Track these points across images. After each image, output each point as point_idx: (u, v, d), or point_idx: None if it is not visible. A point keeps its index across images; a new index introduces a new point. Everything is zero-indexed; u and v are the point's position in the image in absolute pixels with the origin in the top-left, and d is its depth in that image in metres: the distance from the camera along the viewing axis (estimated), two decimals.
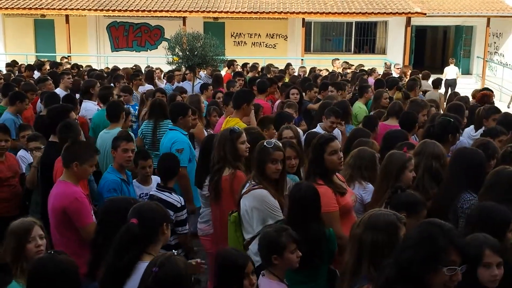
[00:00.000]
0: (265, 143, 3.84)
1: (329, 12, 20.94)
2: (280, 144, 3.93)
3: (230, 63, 13.85)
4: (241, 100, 5.93)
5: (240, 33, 24.15)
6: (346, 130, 6.44)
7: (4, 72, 12.97)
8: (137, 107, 8.45)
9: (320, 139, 3.95)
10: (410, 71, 14.02)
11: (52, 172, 4.68)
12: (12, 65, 14.34)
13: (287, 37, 23.96)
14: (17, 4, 21.12)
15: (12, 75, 11.77)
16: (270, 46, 24.11)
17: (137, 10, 21.04)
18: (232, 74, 12.30)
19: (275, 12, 21.01)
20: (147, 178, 5.08)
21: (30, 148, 5.71)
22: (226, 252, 3.01)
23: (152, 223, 2.97)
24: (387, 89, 8.99)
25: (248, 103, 5.91)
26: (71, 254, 3.03)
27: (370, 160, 4.42)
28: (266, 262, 3.17)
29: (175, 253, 2.66)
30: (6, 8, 21.08)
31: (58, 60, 16.96)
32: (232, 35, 24.04)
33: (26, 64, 14.50)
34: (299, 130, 5.83)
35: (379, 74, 13.27)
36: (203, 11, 21.08)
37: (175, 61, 12.44)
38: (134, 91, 9.55)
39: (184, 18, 21.14)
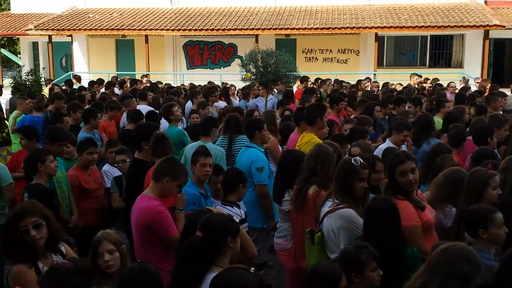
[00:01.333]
0: (352, 161, 3.76)
1: (403, 26, 20.53)
2: (365, 163, 3.84)
3: (303, 79, 13.91)
4: (314, 115, 5.91)
5: (311, 49, 24.21)
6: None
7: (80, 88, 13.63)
8: None
9: (393, 159, 3.85)
10: (489, 85, 13.46)
11: (136, 187, 4.82)
12: (96, 83, 15.07)
13: (359, 52, 23.73)
14: (100, 26, 22.37)
15: (97, 93, 12.45)
16: (342, 61, 23.97)
17: (212, 29, 21.65)
18: (304, 89, 12.34)
19: (347, 27, 20.88)
20: (219, 193, 5.12)
21: (117, 161, 5.99)
22: (320, 267, 3.00)
23: (216, 237, 3.01)
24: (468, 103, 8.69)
25: (321, 117, 5.88)
26: (162, 272, 3.08)
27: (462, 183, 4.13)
28: (347, 279, 3.11)
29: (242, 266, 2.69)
30: (91, 29, 22.38)
31: (137, 78, 17.75)
32: (303, 51, 24.14)
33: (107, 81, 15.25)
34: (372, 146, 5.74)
35: (456, 88, 12.84)
36: (275, 28, 21.34)
37: (248, 78, 12.66)
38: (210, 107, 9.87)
39: (256, 36, 21.51)
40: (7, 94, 14.78)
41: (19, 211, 3.26)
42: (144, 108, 8.80)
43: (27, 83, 12.83)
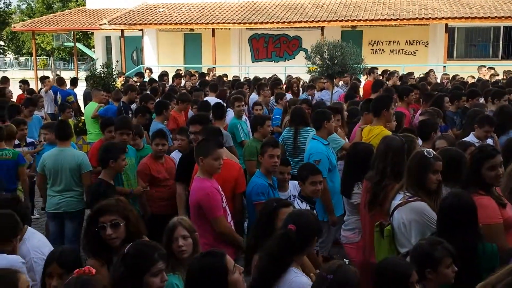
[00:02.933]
0: (425, 153, 3.67)
1: (475, 17, 19.65)
2: (437, 155, 3.73)
3: (371, 71, 13.69)
4: (380, 106, 5.81)
5: (378, 41, 23.70)
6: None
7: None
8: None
9: (481, 153, 3.74)
10: None
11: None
12: (165, 75, 15.51)
13: (428, 44, 22.99)
14: (170, 20, 22.97)
15: (167, 85, 12.83)
16: (410, 53, 23.31)
17: (277, 22, 21.68)
18: (373, 82, 12.15)
19: (416, 18, 20.25)
20: (285, 184, 5.19)
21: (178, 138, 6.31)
22: (389, 261, 2.93)
23: (308, 233, 3.03)
24: None
25: (387, 108, 5.78)
26: (207, 245, 3.20)
27: None
28: (419, 276, 3.00)
29: (346, 262, 2.71)
30: (160, 24, 23.02)
31: (204, 71, 18.11)
32: (369, 43, 23.69)
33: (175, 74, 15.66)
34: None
35: None
36: (341, 20, 21.06)
37: (313, 70, 12.61)
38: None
39: (322, 28, 21.32)
40: (82, 86, 15.56)
41: (102, 207, 3.29)
42: (212, 99, 9.01)
43: (102, 75, 13.40)
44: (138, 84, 12.90)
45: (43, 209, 6.58)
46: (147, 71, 17.29)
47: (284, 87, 11.72)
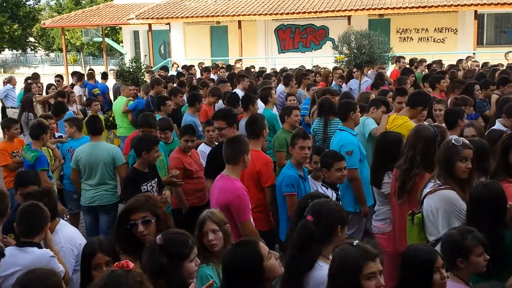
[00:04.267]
0: (453, 141, 3.66)
1: (505, 3, 19.16)
2: (468, 142, 3.72)
3: (397, 60, 13.53)
4: (418, 103, 5.81)
5: (406, 29, 23.39)
6: None
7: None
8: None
9: (509, 139, 3.71)
10: None
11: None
12: (191, 68, 15.62)
13: (457, 31, 22.56)
14: (196, 13, 23.10)
15: (194, 78, 12.94)
16: (439, 40, 22.94)
17: (304, 12, 21.58)
18: (401, 70, 12.02)
19: (445, 5, 19.88)
20: (319, 174, 5.18)
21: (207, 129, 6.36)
22: (414, 248, 2.95)
23: (328, 223, 3.04)
24: None
25: (424, 107, 5.78)
26: None
27: None
28: (450, 265, 3.04)
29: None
30: (187, 17, 23.17)
31: (231, 63, 18.17)
32: (397, 31, 23.38)
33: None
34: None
35: None
36: (369, 9, 20.83)
37: (340, 60, 12.54)
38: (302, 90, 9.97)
39: (349, 17, 21.13)
40: (112, 80, 15.81)
41: (132, 204, 3.34)
42: (238, 91, 9.08)
43: (130, 70, 13.59)
44: (166, 77, 13.06)
45: None
46: (175, 64, 17.45)
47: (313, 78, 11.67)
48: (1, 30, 46.10)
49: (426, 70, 12.72)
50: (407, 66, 13.12)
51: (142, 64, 14.65)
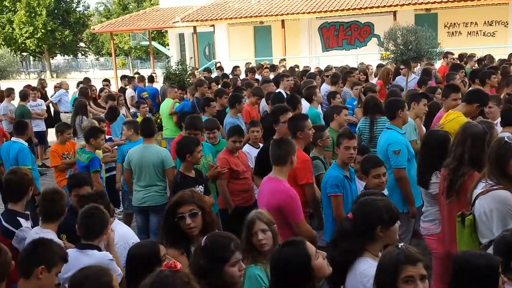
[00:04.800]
0: (505, 139, 3.54)
1: None
2: None
3: (445, 55, 13.20)
4: (475, 99, 5.71)
5: (454, 23, 22.77)
6: None
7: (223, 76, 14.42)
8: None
9: None
10: None
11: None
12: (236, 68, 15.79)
13: (507, 24, 21.76)
14: (240, 14, 23.27)
15: (239, 79, 13.07)
16: (489, 34, 22.19)
17: (348, 9, 21.36)
18: (449, 66, 11.73)
19: None
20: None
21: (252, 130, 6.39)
22: (468, 254, 2.82)
23: (366, 221, 3.02)
24: None
25: (480, 105, 5.66)
26: None
27: None
28: (504, 268, 2.89)
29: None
30: (231, 18, 23.39)
31: (275, 63, 18.22)
32: (445, 26, 22.79)
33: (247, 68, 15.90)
34: None
35: None
36: (415, 3, 20.39)
37: (386, 57, 12.35)
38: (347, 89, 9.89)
39: (394, 12, 20.76)
40: (160, 84, 16.16)
41: (179, 198, 3.43)
42: (283, 91, 9.10)
43: (177, 72, 13.86)
44: (211, 78, 13.24)
45: None
46: (218, 64, 17.68)
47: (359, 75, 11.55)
48: (53, 36, 47.96)
49: (476, 65, 12.35)
50: (456, 61, 12.77)
51: (188, 67, 14.91)
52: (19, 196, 4.44)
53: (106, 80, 14.29)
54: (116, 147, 7.41)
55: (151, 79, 15.08)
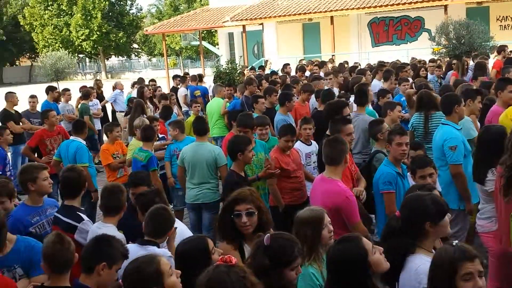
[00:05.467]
0: None
1: None
2: None
3: (501, 49, 12.74)
4: None
5: (507, 16, 22.01)
6: None
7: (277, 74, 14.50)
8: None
9: None
10: None
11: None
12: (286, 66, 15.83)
13: None
14: (288, 12, 23.29)
15: (288, 76, 13.09)
16: None
17: (398, 4, 20.97)
18: (504, 60, 11.32)
19: None
20: None
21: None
22: None
23: (414, 218, 3.00)
24: None
25: None
26: None
27: None
28: None
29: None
30: (280, 16, 23.44)
31: (323, 60, 18.13)
32: (497, 19, 22.03)
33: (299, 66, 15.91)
34: None
35: None
36: None
37: (437, 51, 12.08)
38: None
39: (445, 6, 20.21)
40: (209, 82, 16.42)
41: (238, 196, 3.47)
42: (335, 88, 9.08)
43: (227, 71, 14.03)
44: (259, 76, 13.32)
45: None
46: (268, 63, 17.77)
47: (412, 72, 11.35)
48: (108, 38, 49.52)
49: None
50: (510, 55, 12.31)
51: (237, 65, 15.06)
52: (76, 193, 4.59)
53: (152, 80, 14.68)
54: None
55: (201, 78, 15.35)
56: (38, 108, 10.93)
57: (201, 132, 6.33)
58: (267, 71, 15.85)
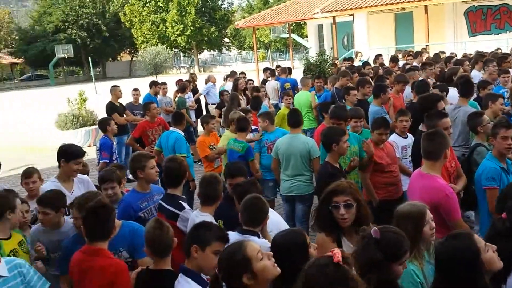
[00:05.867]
0: None
1: None
2: None
3: None
4: None
5: None
6: None
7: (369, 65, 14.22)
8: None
9: None
10: None
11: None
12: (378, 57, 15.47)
13: None
14: (380, 1, 22.69)
15: (380, 68, 12.80)
16: None
17: None
18: None
19: None
20: None
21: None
22: None
23: None
24: None
25: None
26: None
27: None
28: None
29: None
30: (371, 6, 22.91)
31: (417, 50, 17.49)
32: None
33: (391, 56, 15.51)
34: None
35: None
36: None
37: None
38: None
39: None
40: (298, 75, 16.47)
41: (337, 187, 3.44)
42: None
43: (317, 63, 14.00)
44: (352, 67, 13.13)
45: None
46: (358, 54, 17.46)
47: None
48: (201, 33, 51.14)
49: None
50: None
51: (328, 57, 14.96)
52: (178, 182, 4.77)
53: (242, 73, 14.97)
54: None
55: (290, 70, 15.43)
56: (140, 100, 11.59)
57: (295, 124, 6.38)
58: (357, 63, 15.60)
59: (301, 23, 40.02)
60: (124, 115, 10.94)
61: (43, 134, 17.53)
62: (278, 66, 16.73)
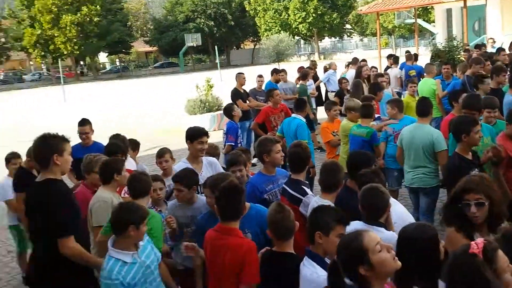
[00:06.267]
0: None
1: None
2: None
3: None
4: None
5: None
6: None
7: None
8: None
9: None
10: None
11: None
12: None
13: None
14: None
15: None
16: None
17: None
18: None
19: None
20: None
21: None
22: None
23: None
24: None
25: None
26: None
27: None
28: None
29: None
30: None
31: None
32: None
33: None
34: None
35: None
36: None
37: None
38: None
39: None
40: (423, 62, 15.80)
41: (468, 184, 3.33)
42: None
43: (446, 49, 13.32)
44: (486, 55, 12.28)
45: None
46: (490, 40, 16.29)
47: None
48: (322, 20, 50.98)
49: None
50: None
51: (458, 43, 14.17)
52: (302, 167, 4.86)
53: (363, 60, 14.65)
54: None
55: (416, 57, 14.84)
56: (263, 87, 11.92)
57: (423, 113, 6.15)
58: (489, 50, 14.56)
59: (428, 7, 38.13)
60: (247, 101, 11.33)
61: (174, 118, 18.79)
62: (407, 52, 16.15)
